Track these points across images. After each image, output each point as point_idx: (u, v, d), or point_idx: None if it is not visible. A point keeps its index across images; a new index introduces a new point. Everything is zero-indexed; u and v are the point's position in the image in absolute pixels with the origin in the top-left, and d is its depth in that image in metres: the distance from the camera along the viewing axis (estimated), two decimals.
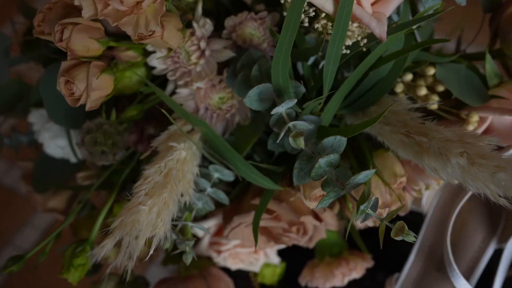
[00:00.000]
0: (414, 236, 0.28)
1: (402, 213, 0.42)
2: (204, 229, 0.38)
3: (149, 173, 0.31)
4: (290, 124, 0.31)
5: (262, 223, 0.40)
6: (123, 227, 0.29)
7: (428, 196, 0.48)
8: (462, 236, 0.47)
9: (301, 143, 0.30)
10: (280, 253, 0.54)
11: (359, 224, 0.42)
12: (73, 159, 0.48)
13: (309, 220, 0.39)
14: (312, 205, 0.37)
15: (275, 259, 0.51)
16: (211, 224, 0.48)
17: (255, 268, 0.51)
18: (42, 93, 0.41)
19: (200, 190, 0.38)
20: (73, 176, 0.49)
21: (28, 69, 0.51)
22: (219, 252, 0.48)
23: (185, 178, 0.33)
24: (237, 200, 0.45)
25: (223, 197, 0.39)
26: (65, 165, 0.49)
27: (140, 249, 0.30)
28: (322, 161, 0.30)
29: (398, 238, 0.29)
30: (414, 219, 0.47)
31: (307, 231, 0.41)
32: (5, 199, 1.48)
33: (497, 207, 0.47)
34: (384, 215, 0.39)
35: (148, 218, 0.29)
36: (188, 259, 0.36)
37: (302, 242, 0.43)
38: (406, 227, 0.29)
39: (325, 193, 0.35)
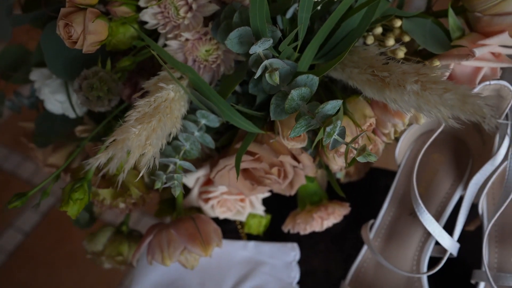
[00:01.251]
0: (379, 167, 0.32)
1: (374, 159, 0.45)
2: (192, 168, 0.42)
3: (139, 104, 0.34)
4: (267, 61, 0.35)
5: (244, 165, 0.44)
6: (115, 145, 0.32)
7: (401, 149, 0.51)
8: (432, 184, 0.51)
9: (276, 78, 0.34)
10: (266, 206, 0.57)
11: (335, 168, 0.46)
12: (72, 115, 0.51)
13: (287, 160, 0.42)
14: (290, 144, 0.41)
15: (261, 210, 0.54)
16: (200, 174, 0.51)
17: (242, 217, 0.54)
18: (43, 46, 0.44)
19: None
20: (72, 132, 0.53)
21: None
22: (207, 200, 0.51)
23: (172, 114, 0.36)
24: (223, 150, 0.49)
25: (209, 141, 0.43)
26: (65, 122, 0.52)
27: (131, 165, 0.34)
28: (294, 93, 0.34)
29: (361, 159, 0.33)
30: None
31: (287, 174, 0.45)
32: (5, 183, 1.51)
33: (465, 157, 0.51)
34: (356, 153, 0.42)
35: (138, 139, 0.32)
36: (176, 191, 0.40)
37: (284, 186, 0.46)
38: (368, 149, 0.33)
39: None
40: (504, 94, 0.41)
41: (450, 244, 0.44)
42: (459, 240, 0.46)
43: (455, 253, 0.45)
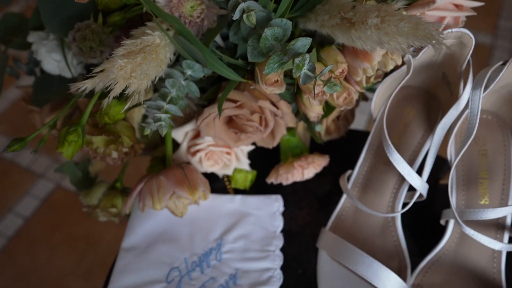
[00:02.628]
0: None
1: (349, 106, 0.49)
2: (178, 112, 0.45)
3: (126, 43, 0.38)
4: (244, 4, 0.38)
5: (227, 112, 0.47)
6: (102, 75, 0.36)
7: (375, 103, 0.55)
8: (405, 135, 0.54)
9: (252, 19, 0.37)
10: (252, 164, 0.61)
11: (313, 117, 0.49)
12: (68, 75, 0.54)
13: (266, 105, 0.46)
14: (268, 89, 0.44)
15: (246, 164, 0.58)
16: (188, 129, 0.55)
17: (229, 171, 0.57)
18: (40, 7, 0.48)
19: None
20: (68, 92, 0.56)
21: None
22: (195, 153, 0.54)
23: (158, 56, 0.40)
24: (208, 105, 0.52)
25: (194, 89, 0.46)
26: (62, 82, 0.56)
27: (116, 93, 0.37)
28: (268, 32, 0.37)
29: (328, 90, 0.36)
30: None
31: (268, 123, 0.48)
32: (5, 171, 1.55)
33: (436, 110, 0.54)
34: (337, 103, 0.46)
35: (123, 70, 0.35)
36: (163, 131, 0.43)
37: (265, 134, 0.50)
38: (334, 81, 0.36)
39: (278, 78, 0.43)
40: (465, 41, 0.44)
41: (420, 183, 0.47)
42: (434, 192, 0.49)
43: (424, 193, 0.48)
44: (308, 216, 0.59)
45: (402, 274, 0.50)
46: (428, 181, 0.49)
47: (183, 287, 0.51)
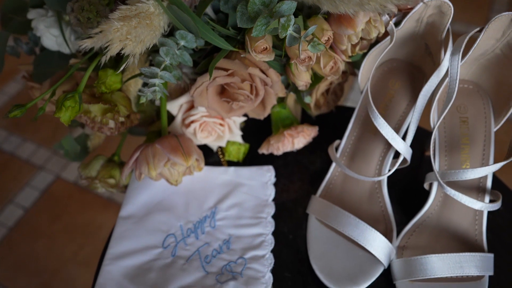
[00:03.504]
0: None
1: (336, 75, 0.51)
2: (172, 78, 0.47)
3: (121, 8, 0.40)
4: None
5: (219, 80, 0.49)
6: (100, 36, 0.38)
7: (362, 75, 0.57)
8: (390, 105, 0.56)
9: None
10: (246, 138, 0.63)
11: (301, 85, 0.51)
12: (66, 50, 0.57)
13: (256, 73, 0.48)
14: (258, 57, 0.46)
15: (239, 135, 0.60)
16: (183, 101, 0.57)
17: (222, 143, 0.60)
18: None
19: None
20: (67, 67, 0.58)
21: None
22: (189, 124, 0.57)
23: (152, 23, 0.42)
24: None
25: (188, 59, 0.48)
26: (61, 58, 0.58)
27: (113, 53, 0.39)
28: None
29: (312, 50, 0.38)
30: None
31: (258, 91, 0.51)
32: (6, 163, 1.57)
33: (420, 81, 0.56)
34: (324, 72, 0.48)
35: (119, 32, 0.38)
36: (157, 95, 0.45)
37: (256, 103, 0.52)
38: (316, 40, 0.38)
39: (267, 45, 0.45)
40: (444, 10, 0.46)
41: (403, 147, 0.49)
42: (420, 163, 0.51)
43: (408, 157, 0.51)
44: (299, 189, 0.61)
45: (388, 236, 0.52)
46: (413, 152, 0.52)
47: (178, 252, 0.54)
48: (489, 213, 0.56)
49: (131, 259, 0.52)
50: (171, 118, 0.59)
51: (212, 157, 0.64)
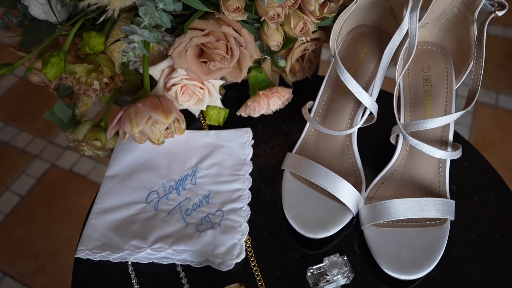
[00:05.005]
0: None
1: (306, 36, 0.54)
2: (150, 37, 0.50)
3: None
4: None
5: (196, 40, 0.53)
6: None
7: (332, 39, 0.60)
8: (360, 67, 0.60)
9: None
10: (226, 104, 0.66)
11: (273, 45, 0.54)
12: (53, 19, 0.60)
13: (230, 32, 0.51)
14: (230, 15, 0.50)
15: (218, 99, 0.63)
16: (164, 66, 0.60)
17: (202, 106, 0.63)
18: None
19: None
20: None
21: None
22: (171, 87, 0.60)
23: None
24: None
25: (166, 20, 0.52)
26: (48, 28, 0.61)
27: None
28: None
29: (277, 0, 0.42)
30: None
31: (233, 51, 0.54)
32: (2, 153, 1.60)
33: (387, 43, 0.60)
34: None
35: None
36: (136, 51, 0.48)
37: (232, 64, 0.55)
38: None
39: (239, 5, 0.48)
40: None
41: (369, 101, 0.53)
42: (390, 127, 0.54)
43: (374, 112, 0.54)
44: (277, 153, 0.64)
45: (357, 188, 0.55)
46: (383, 114, 0.55)
47: (160, 206, 0.57)
48: (454, 167, 0.60)
49: (116, 214, 0.56)
50: (154, 83, 0.62)
51: (194, 123, 0.67)
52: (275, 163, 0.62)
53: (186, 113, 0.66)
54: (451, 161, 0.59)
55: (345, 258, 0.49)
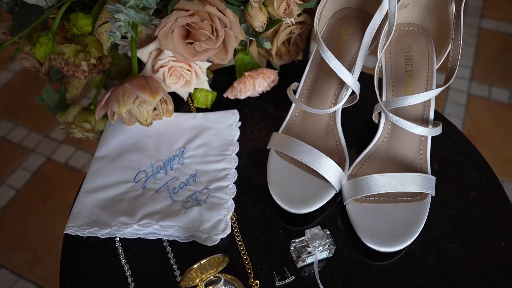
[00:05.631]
0: None
1: (289, 17, 0.56)
2: (136, 16, 0.51)
3: None
4: None
5: (181, 20, 0.54)
6: None
7: (320, 23, 0.62)
8: (343, 48, 0.61)
9: None
10: (214, 88, 0.68)
11: (257, 26, 0.55)
12: (43, 3, 0.61)
13: (213, 11, 0.52)
14: None
15: (205, 81, 0.64)
16: (152, 48, 0.61)
17: (190, 88, 0.64)
18: None
19: None
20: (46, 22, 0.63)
21: None
22: (158, 69, 0.61)
23: None
24: None
25: (152, 1, 0.53)
26: (39, 13, 0.62)
27: None
28: None
29: None
30: None
31: (218, 32, 0.55)
32: None
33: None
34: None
35: None
36: (122, 30, 0.50)
37: (218, 45, 0.56)
38: None
39: None
40: None
41: (351, 80, 0.54)
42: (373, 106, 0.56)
43: (356, 90, 0.55)
44: (264, 136, 0.65)
45: (341, 166, 0.56)
46: (366, 95, 0.56)
47: (148, 185, 0.58)
48: (436, 147, 0.61)
49: (104, 192, 0.57)
50: (142, 67, 0.64)
51: (183, 106, 0.68)
52: (261, 144, 0.63)
53: (175, 96, 0.67)
54: (434, 141, 0.60)
55: (328, 232, 0.50)
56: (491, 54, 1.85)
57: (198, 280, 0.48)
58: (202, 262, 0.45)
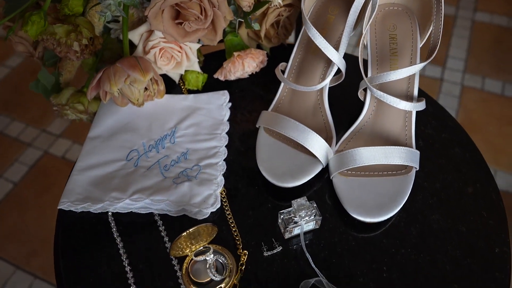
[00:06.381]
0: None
1: (273, 1, 0.57)
2: (135, 1, 0.53)
3: None
4: None
5: (170, 0, 0.55)
6: None
7: (307, 4, 0.63)
8: (330, 28, 0.62)
9: None
10: (205, 72, 0.69)
11: (244, 5, 0.57)
12: None
13: None
14: None
15: (196, 63, 0.65)
16: (143, 30, 0.63)
17: (181, 70, 0.65)
18: None
19: None
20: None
21: None
22: (149, 50, 0.62)
23: None
24: None
25: None
26: None
27: None
28: None
29: None
30: None
31: (207, 12, 0.56)
32: None
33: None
34: None
35: None
36: (111, 8, 0.51)
37: (206, 25, 0.58)
38: None
39: None
40: None
41: (336, 57, 0.55)
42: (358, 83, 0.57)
43: (342, 67, 0.57)
44: (254, 117, 0.67)
45: (328, 143, 0.57)
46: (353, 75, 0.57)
47: (140, 163, 0.59)
48: (422, 125, 0.62)
49: (97, 170, 0.58)
50: (134, 50, 0.65)
51: (174, 89, 0.69)
52: (251, 125, 0.64)
53: (167, 79, 0.68)
54: (420, 119, 0.62)
55: (314, 204, 0.52)
56: (485, 46, 1.87)
57: (188, 250, 0.49)
58: (190, 230, 0.46)
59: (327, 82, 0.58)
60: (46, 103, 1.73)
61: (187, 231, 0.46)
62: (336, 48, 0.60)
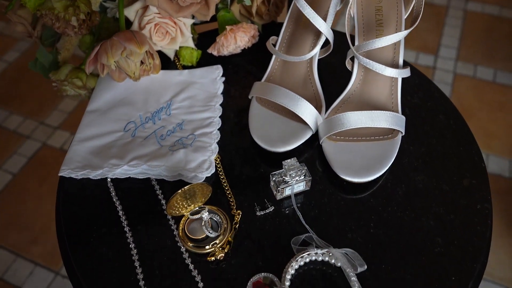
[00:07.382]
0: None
1: None
2: None
3: None
4: None
5: None
6: None
7: None
8: (319, 2, 0.65)
9: None
10: (198, 47, 0.71)
11: None
12: None
13: None
14: None
15: (190, 38, 0.68)
16: (138, 6, 0.65)
17: (175, 45, 0.68)
18: None
19: None
20: None
21: None
22: (145, 26, 0.65)
23: None
24: None
25: None
26: None
27: None
28: None
29: None
30: None
31: None
32: None
33: None
34: None
35: None
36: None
37: (199, 0, 0.60)
38: None
39: None
40: None
41: (324, 27, 0.58)
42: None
43: (330, 38, 0.59)
44: (247, 92, 0.69)
45: (318, 111, 0.60)
46: (343, 52, 0.59)
47: (137, 133, 0.62)
48: (408, 95, 0.65)
49: (96, 141, 0.60)
50: (129, 26, 0.67)
51: (169, 65, 0.72)
52: (244, 98, 0.67)
53: (162, 56, 0.70)
54: (407, 90, 0.64)
55: (305, 167, 0.54)
56: (476, 35, 1.90)
57: (184, 211, 0.51)
58: (185, 188, 0.48)
59: (317, 51, 0.60)
60: (43, 96, 1.75)
61: (182, 189, 0.48)
62: (324, 19, 0.63)
